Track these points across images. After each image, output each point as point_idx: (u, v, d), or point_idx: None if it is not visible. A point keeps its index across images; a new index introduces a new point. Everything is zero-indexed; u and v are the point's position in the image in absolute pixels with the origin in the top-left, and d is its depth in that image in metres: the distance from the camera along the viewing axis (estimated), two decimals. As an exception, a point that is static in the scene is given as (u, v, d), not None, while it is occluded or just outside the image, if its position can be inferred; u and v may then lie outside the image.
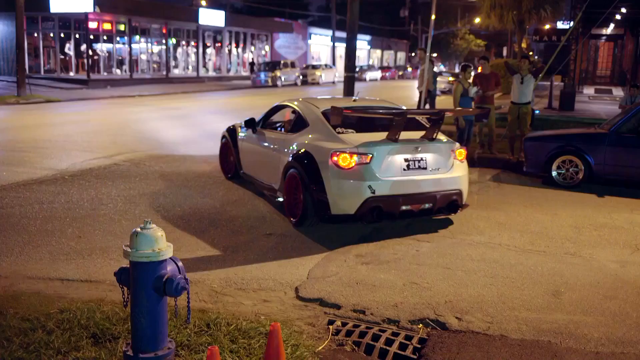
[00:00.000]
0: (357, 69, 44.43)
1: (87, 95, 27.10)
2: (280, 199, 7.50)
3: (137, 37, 38.68)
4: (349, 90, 16.86)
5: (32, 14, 32.24)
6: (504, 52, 54.98)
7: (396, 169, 6.68)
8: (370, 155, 6.53)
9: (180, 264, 3.46)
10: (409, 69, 69.59)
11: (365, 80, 50.91)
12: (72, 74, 35.46)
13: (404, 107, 7.90)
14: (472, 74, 12.44)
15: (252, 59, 49.37)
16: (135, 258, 3.30)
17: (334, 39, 50.21)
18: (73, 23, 35.19)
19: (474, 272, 5.63)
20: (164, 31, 39.89)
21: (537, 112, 15.87)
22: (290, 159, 7.15)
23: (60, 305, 4.52)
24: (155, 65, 40.87)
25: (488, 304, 4.90)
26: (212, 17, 41.86)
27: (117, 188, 8.69)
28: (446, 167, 7.02)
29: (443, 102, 28.14)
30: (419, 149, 6.83)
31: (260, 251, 6.15)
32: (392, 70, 63.86)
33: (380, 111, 7.57)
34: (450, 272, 5.63)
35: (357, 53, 16.76)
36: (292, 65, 42.59)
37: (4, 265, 5.57)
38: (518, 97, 11.69)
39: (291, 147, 7.33)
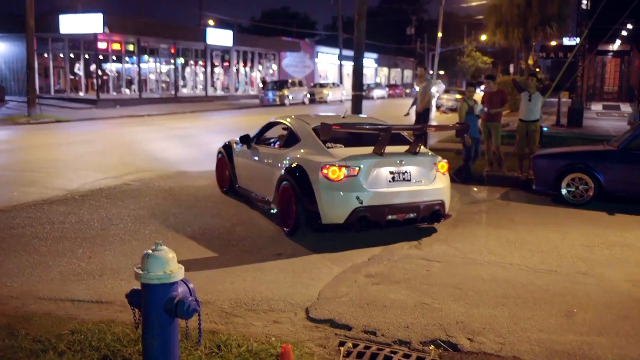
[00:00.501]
0: (365, 87, 44.53)
1: (97, 115, 27.29)
2: (274, 210, 7.92)
3: (146, 57, 39.00)
4: (356, 109, 16.91)
5: (42, 35, 32.57)
6: (511, 69, 55.06)
7: (382, 180, 7.16)
8: (358, 168, 7.03)
9: (191, 285, 3.46)
10: (416, 87, 69.66)
11: (372, 98, 51.08)
12: (81, 93, 35.75)
13: (390, 124, 8.19)
14: (478, 91, 12.50)
15: (264, 77, 49.68)
16: (146, 280, 3.30)
17: (341, 57, 50.42)
18: (83, 44, 35.53)
19: (485, 293, 5.60)
20: (173, 51, 40.21)
21: (545, 129, 15.85)
22: (283, 172, 7.59)
23: (71, 326, 4.52)
24: (163, 85, 41.16)
25: (500, 325, 4.87)
26: (219, 37, 42.19)
27: (127, 208, 8.72)
28: (429, 179, 7.50)
29: (450, 119, 28.20)
30: (403, 162, 7.33)
31: (270, 272, 6.14)
32: (399, 88, 64.10)
33: (367, 127, 8.03)
34: (461, 292, 5.60)
35: (364, 71, 16.83)
36: (300, 84, 42.79)
37: (15, 286, 5.58)
38: (526, 114, 11.69)
39: (284, 161, 7.78)
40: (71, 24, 32.79)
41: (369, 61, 64.14)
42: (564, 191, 9.77)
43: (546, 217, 8.83)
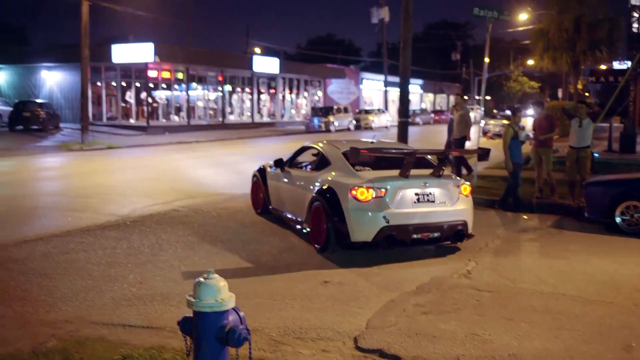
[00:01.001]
0: (410, 113, 44.50)
1: (146, 142, 27.92)
2: (306, 230, 8.39)
3: (194, 84, 39.85)
4: (402, 135, 16.85)
5: (95, 64, 33.66)
6: (559, 94, 54.15)
7: (407, 201, 7.63)
8: (385, 190, 7.50)
9: (242, 314, 3.48)
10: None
11: (418, 124, 50.94)
12: (132, 121, 36.69)
13: (415, 148, 8.81)
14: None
15: (314, 103, 50.19)
16: (198, 308, 3.34)
17: (386, 84, 50.53)
18: (134, 72, 36.59)
19: (537, 324, 5.46)
20: (220, 79, 40.99)
21: (596, 155, 15.50)
22: (315, 193, 8.13)
23: (122, 351, 4.59)
24: (211, 112, 41.91)
25: (554, 358, 4.73)
26: (266, 65, 42.85)
27: (177, 234, 8.85)
28: (452, 201, 7.93)
29: (497, 145, 27.85)
30: (427, 184, 7.78)
31: (318, 299, 6.12)
32: (445, 114, 63.65)
33: (393, 151, 8.62)
34: (513, 323, 5.48)
35: (410, 97, 16.83)
36: (345, 110, 42.99)
37: (70, 310, 5.71)
38: (576, 140, 11.46)
39: (315, 183, 8.31)
40: (123, 53, 33.82)
41: (415, 87, 64.10)
42: (618, 219, 9.48)
43: (600, 246, 8.60)
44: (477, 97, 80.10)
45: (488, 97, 71.46)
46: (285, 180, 9.47)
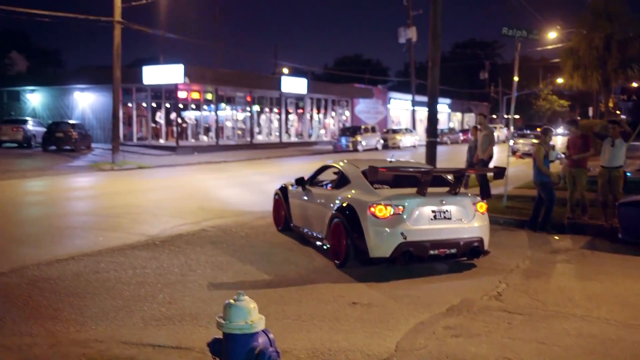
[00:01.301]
0: (438, 133, 44.41)
1: (176, 162, 28.23)
2: (325, 246, 8.71)
3: (223, 105, 40.27)
4: (430, 155, 16.79)
5: (127, 85, 34.22)
6: (590, 112, 53.53)
7: (424, 218, 7.82)
8: (402, 207, 7.73)
9: (271, 336, 3.48)
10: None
11: (446, 143, 50.68)
12: (162, 141, 37.17)
13: (432, 167, 9.11)
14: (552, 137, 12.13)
15: (342, 123, 50.37)
16: (228, 330, 3.34)
17: (414, 103, 50.48)
18: (164, 93, 37.14)
19: (571, 348, 5.35)
20: (249, 99, 41.37)
21: (629, 174, 15.23)
22: (335, 210, 8.37)
23: (152, 372, 4.60)
24: (239, 132, 42.27)
25: (589, 384, 4.62)
26: (294, 85, 43.13)
27: (206, 254, 8.90)
28: (468, 218, 8.09)
29: (527, 164, 27.55)
30: (444, 202, 7.98)
31: (347, 321, 6.09)
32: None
33: (410, 170, 8.84)
34: (545, 347, 5.37)
35: (438, 116, 16.78)
36: (373, 129, 43.01)
37: (100, 330, 5.76)
38: (609, 160, 11.28)
39: (336, 201, 8.56)
40: (154, 75, 34.37)
41: (442, 106, 63.88)
42: (652, 241, 9.29)
43: (634, 268, 8.42)
44: (505, 116, 79.63)
45: (517, 116, 70.86)
46: (306, 198, 9.74)
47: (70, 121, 33.73)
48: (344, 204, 8.24)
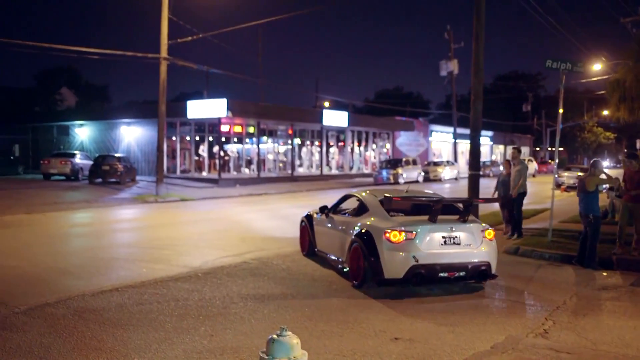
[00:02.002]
0: (480, 165, 43.97)
1: (218, 194, 28.54)
2: (346, 269, 9.41)
3: (265, 138, 40.71)
4: (473, 187, 16.60)
5: (171, 119, 34.96)
6: (638, 144, 52.29)
7: (435, 243, 8.49)
8: (415, 232, 8.42)
9: (313, 371, 3.45)
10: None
11: (489, 176, 50.07)
12: (204, 173, 37.69)
13: (444, 197, 9.72)
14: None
15: (382, 156, 50.41)
16: (271, 365, 3.33)
17: (456, 135, 50.20)
18: (207, 126, 37.79)
19: (623, 389, 5.15)
20: (290, 132, 41.74)
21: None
22: (354, 236, 9.11)
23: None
24: (281, 165, 42.60)
25: None
26: (335, 118, 43.37)
27: (247, 286, 8.92)
28: (476, 244, 8.72)
29: (572, 197, 26.97)
30: (454, 229, 8.65)
31: (389, 357, 5.99)
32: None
33: (423, 199, 9.59)
34: (596, 387, 5.18)
35: (480, 149, 16.63)
36: (414, 162, 42.82)
37: (142, 362, 5.79)
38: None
39: (355, 227, 9.29)
40: (198, 109, 35.02)
41: (484, 139, 63.29)
42: None
43: (688, 307, 8.10)
44: (549, 149, 78.42)
45: (561, 149, 69.79)
46: (329, 225, 10.56)
47: (116, 154, 34.52)
48: (363, 230, 8.98)
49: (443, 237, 8.54)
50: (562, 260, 11.38)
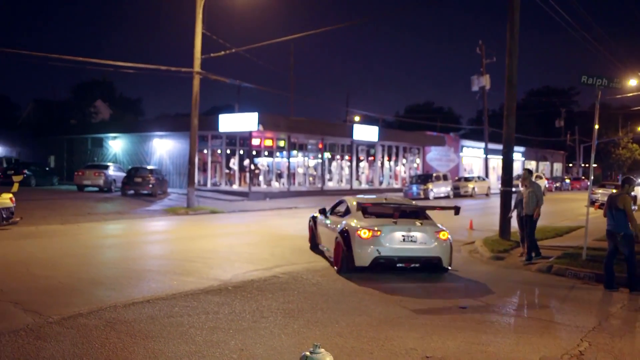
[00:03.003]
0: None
1: (248, 207, 28.67)
2: (330, 258, 12.16)
3: (295, 151, 40.85)
4: (505, 203, 16.43)
5: (203, 132, 35.31)
6: (675, 162, 51.16)
7: (396, 240, 10.93)
8: (380, 231, 10.87)
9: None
10: (567, 181, 66.87)
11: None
12: (235, 186, 37.92)
13: (407, 204, 12.39)
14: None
15: (413, 171, 50.23)
16: (303, 381, 3.33)
17: (487, 151, 49.77)
18: (238, 140, 38.09)
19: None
20: (320, 146, 41.83)
21: None
22: (338, 232, 11.65)
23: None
24: (311, 178, 42.65)
25: None
26: (365, 133, 43.35)
27: (277, 301, 8.92)
28: (430, 242, 11.10)
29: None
30: (411, 230, 11.06)
31: (420, 375, 5.92)
32: (548, 182, 61.67)
33: (391, 205, 11.88)
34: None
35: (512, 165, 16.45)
36: (445, 177, 42.50)
37: (173, 375, 5.80)
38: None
39: (339, 226, 11.81)
40: (229, 122, 35.32)
41: (516, 155, 62.58)
42: None
43: None
44: (582, 165, 77.23)
45: (595, 165, 68.66)
46: (327, 223, 12.95)
47: (149, 167, 34.94)
48: (344, 228, 11.45)
49: (402, 236, 10.92)
50: (596, 280, 11.15)
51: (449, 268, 11.33)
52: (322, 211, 13.53)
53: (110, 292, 9.32)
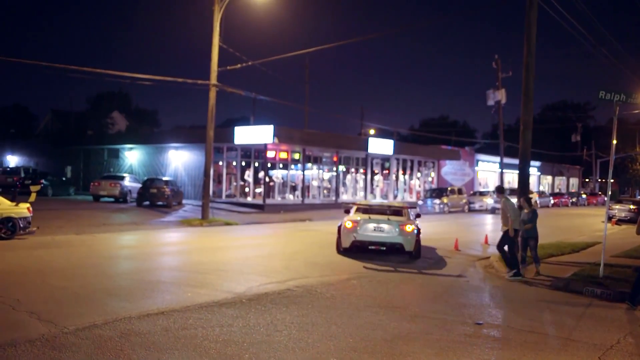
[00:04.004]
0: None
1: (262, 220, 28.70)
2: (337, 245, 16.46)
3: (310, 164, 40.88)
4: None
5: (218, 144, 35.46)
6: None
7: (369, 230, 15.43)
8: (357, 223, 15.48)
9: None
10: (584, 196, 66.31)
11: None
12: (249, 199, 37.98)
13: (398, 206, 17.16)
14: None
15: (427, 184, 50.09)
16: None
17: (502, 165, 49.51)
18: (253, 152, 38.20)
19: None
20: (335, 159, 41.83)
21: None
22: (338, 225, 16.34)
23: None
24: (325, 191, 42.64)
25: None
26: (380, 146, 43.32)
27: (291, 314, 8.89)
28: (394, 232, 15.30)
29: (624, 231, 26.19)
30: (381, 222, 15.46)
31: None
32: (565, 197, 61.23)
33: (375, 206, 16.99)
34: None
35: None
36: (460, 191, 42.33)
37: (187, 388, 5.78)
38: None
39: (340, 221, 16.41)
40: (244, 135, 35.44)
41: (532, 169, 61.99)
42: None
43: None
44: (599, 180, 76.52)
45: (612, 180, 68.08)
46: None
47: (164, 178, 35.11)
48: (340, 223, 16.08)
49: (374, 227, 15.39)
50: (614, 297, 11.02)
51: (412, 252, 15.34)
52: (347, 211, 17.17)
53: (125, 303, 9.34)
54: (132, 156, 44.29)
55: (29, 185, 22.36)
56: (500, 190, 14.52)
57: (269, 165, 37.94)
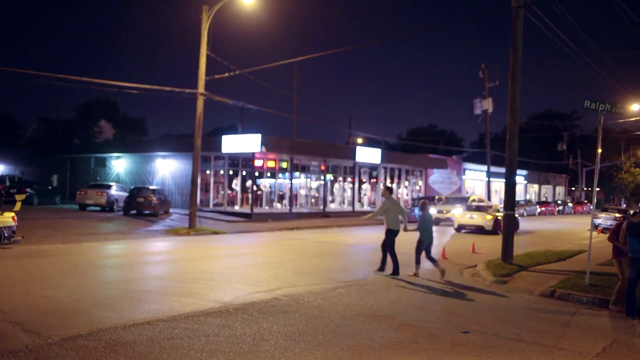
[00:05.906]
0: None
1: (250, 228, 28.62)
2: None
3: (298, 173, 40.87)
4: (508, 227, 16.37)
5: (205, 153, 35.38)
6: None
7: None
8: None
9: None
10: (570, 204, 66.78)
11: (522, 215, 49.37)
12: (237, 207, 37.87)
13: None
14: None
15: (422, 193, 50.20)
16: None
17: (489, 174, 49.78)
18: (241, 161, 38.14)
19: None
20: (323, 168, 41.84)
21: None
22: None
23: None
24: (313, 200, 42.62)
25: None
26: (368, 155, 43.40)
27: (278, 323, 8.85)
28: None
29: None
30: None
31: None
32: (551, 205, 61.65)
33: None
34: None
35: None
36: (447, 200, 42.38)
37: (172, 399, 5.74)
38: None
39: None
40: (232, 144, 35.39)
41: (519, 178, 62.61)
42: None
43: None
44: (585, 189, 77.10)
45: (598, 189, 68.59)
46: None
47: (151, 186, 34.92)
48: None
49: None
50: (600, 305, 11.08)
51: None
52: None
53: (111, 313, 9.26)
54: (119, 165, 44.07)
55: (14, 194, 22.18)
56: (389, 190, 15.61)
57: (256, 174, 37.90)
